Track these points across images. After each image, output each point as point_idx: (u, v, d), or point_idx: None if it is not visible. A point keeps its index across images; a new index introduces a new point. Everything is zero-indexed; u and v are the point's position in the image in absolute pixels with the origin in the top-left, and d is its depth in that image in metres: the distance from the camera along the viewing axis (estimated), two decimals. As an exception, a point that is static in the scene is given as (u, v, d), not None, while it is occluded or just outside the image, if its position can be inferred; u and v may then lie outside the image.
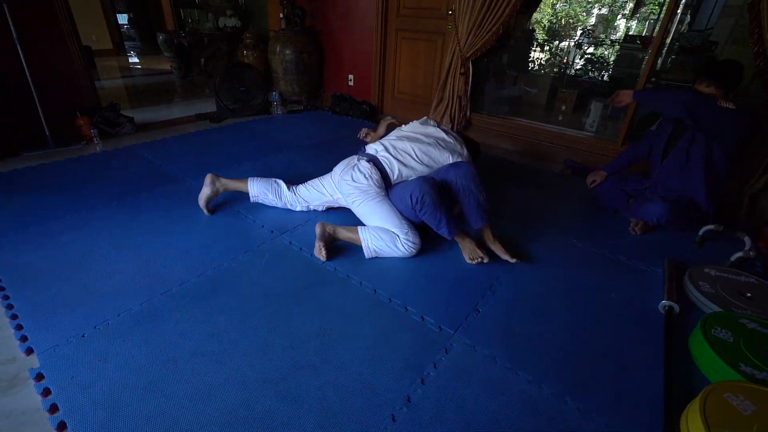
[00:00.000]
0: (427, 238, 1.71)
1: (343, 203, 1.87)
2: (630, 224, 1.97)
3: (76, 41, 2.77)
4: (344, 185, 1.74)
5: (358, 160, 1.79)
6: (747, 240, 1.74)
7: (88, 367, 1.08)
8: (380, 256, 1.61)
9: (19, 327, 1.20)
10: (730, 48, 3.72)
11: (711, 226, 1.83)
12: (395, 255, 1.61)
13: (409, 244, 1.59)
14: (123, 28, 8.82)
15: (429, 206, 1.54)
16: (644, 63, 2.57)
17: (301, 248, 1.67)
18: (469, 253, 1.62)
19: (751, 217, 2.12)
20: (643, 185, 2.06)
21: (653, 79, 2.85)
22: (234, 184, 1.92)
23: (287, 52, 3.81)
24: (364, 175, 1.70)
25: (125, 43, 8.33)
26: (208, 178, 1.88)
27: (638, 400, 1.08)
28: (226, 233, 1.76)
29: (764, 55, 2.00)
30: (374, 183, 1.69)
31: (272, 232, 1.78)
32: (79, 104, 2.81)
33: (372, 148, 1.84)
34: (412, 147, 1.78)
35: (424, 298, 1.42)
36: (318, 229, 1.63)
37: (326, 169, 1.97)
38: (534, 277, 1.58)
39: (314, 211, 1.96)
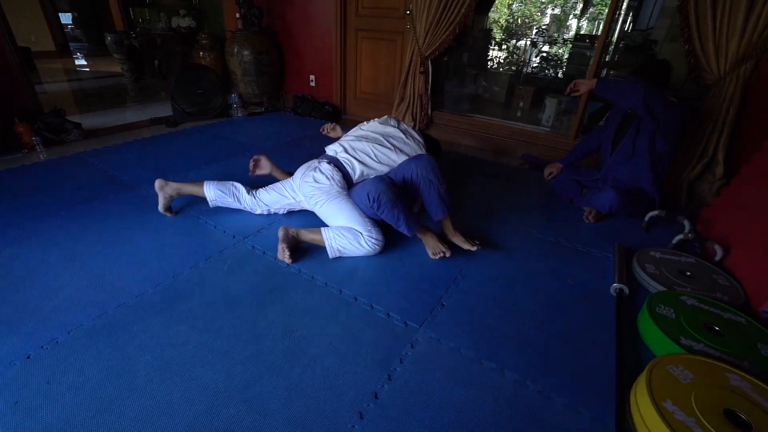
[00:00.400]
0: (390, 236, 1.73)
1: (305, 206, 1.85)
2: (584, 213, 2.08)
3: (10, 40, 2.58)
4: (306, 187, 1.74)
5: (319, 162, 1.79)
6: (686, 223, 1.88)
7: (33, 390, 1.01)
8: (344, 255, 1.62)
9: (-47, 352, 1.11)
10: (668, 45, 4.00)
11: (656, 212, 1.97)
12: (359, 253, 1.61)
13: (372, 240, 1.60)
14: (67, 28, 8.31)
15: (386, 205, 1.55)
16: (591, 60, 2.71)
17: (264, 252, 1.64)
18: (432, 248, 1.65)
19: (690, 202, 2.29)
20: (595, 176, 2.18)
21: (601, 75, 3.01)
22: (188, 188, 1.86)
23: (245, 53, 3.72)
24: (326, 176, 1.70)
25: (70, 44, 7.84)
26: (157, 184, 1.82)
27: (594, 378, 1.15)
28: (185, 240, 1.70)
29: (694, 54, 2.16)
30: (336, 183, 1.70)
31: (234, 237, 1.74)
32: (17, 110, 2.62)
33: (331, 150, 1.85)
34: (370, 148, 1.80)
35: (389, 295, 1.44)
36: (281, 233, 1.61)
37: (292, 170, 1.95)
38: (495, 267, 1.64)
39: (276, 214, 1.93)
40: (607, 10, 2.49)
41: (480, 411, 1.03)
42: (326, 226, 1.69)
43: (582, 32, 6.28)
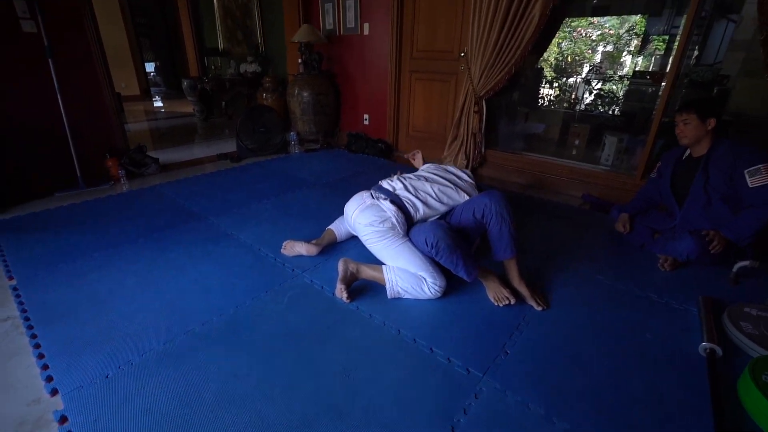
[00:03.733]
0: (448, 276, 1.68)
1: None
2: (659, 260, 1.92)
3: (110, 88, 2.96)
4: (362, 228, 1.65)
5: (376, 198, 1.71)
6: (785, 276, 1.67)
7: (111, 409, 1.06)
8: (403, 297, 1.58)
9: (45, 366, 1.20)
10: (743, 81, 3.77)
11: (746, 262, 1.77)
12: (419, 297, 1.57)
13: (436, 288, 1.54)
14: (149, 75, 9.41)
15: (444, 251, 1.49)
16: (659, 98, 2.60)
17: (322, 287, 1.66)
18: (494, 293, 1.58)
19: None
20: (669, 224, 2.02)
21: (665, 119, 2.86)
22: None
23: (305, 94, 3.98)
24: (389, 218, 1.62)
25: (151, 89, 8.85)
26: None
27: (688, 453, 1.00)
28: (247, 271, 1.77)
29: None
30: (399, 225, 1.62)
31: (293, 270, 1.78)
32: (109, 146, 2.95)
33: (389, 185, 1.78)
34: (431, 187, 1.76)
35: (449, 338, 1.38)
36: (340, 267, 1.61)
37: (342, 202, 1.96)
38: (562, 315, 1.53)
39: (336, 247, 1.95)
40: (677, 44, 2.40)
41: (557, 479, 0.93)
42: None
43: (638, 68, 6.11)
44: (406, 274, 1.56)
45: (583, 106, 5.85)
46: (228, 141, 4.34)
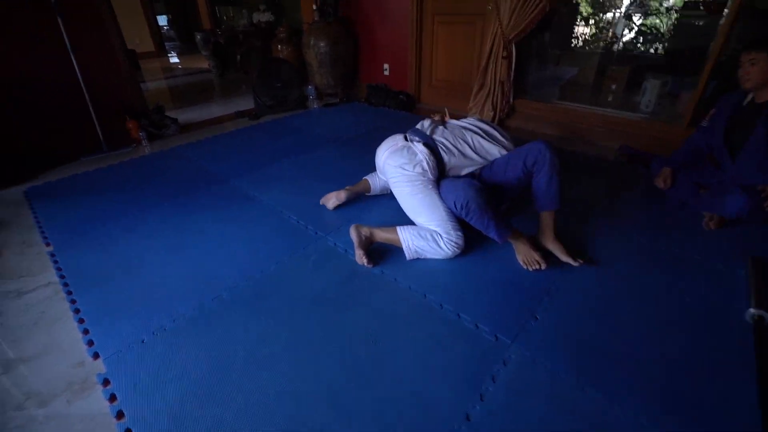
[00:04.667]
0: (475, 237, 1.62)
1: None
2: (704, 218, 1.78)
3: (122, 45, 2.86)
4: (392, 170, 1.62)
5: (410, 140, 1.67)
6: None
7: (148, 374, 1.11)
8: (422, 256, 1.55)
9: (86, 331, 1.26)
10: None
11: (803, 220, 1.61)
12: (438, 256, 1.53)
13: (452, 243, 1.50)
14: (163, 29, 9.15)
15: (475, 212, 1.44)
16: (716, 33, 2.28)
17: (345, 250, 1.63)
18: (524, 256, 1.51)
19: None
20: (718, 178, 1.85)
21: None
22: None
23: (321, 44, 3.76)
24: (420, 162, 1.58)
25: (165, 43, 8.64)
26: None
27: (730, 419, 0.96)
28: (271, 235, 1.76)
29: None
30: (430, 171, 1.58)
31: (316, 233, 1.76)
32: (127, 108, 2.92)
33: (425, 129, 1.71)
34: (470, 137, 1.68)
35: (476, 303, 1.35)
36: (353, 234, 1.57)
37: (366, 163, 1.91)
38: (596, 278, 1.46)
39: (355, 210, 1.91)
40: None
41: (589, 449, 0.92)
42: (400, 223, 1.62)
43: (691, -1, 5.41)
44: (420, 230, 1.52)
45: (621, 46, 5.31)
46: (245, 97, 4.23)
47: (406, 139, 1.70)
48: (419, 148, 1.61)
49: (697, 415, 0.99)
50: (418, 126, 1.77)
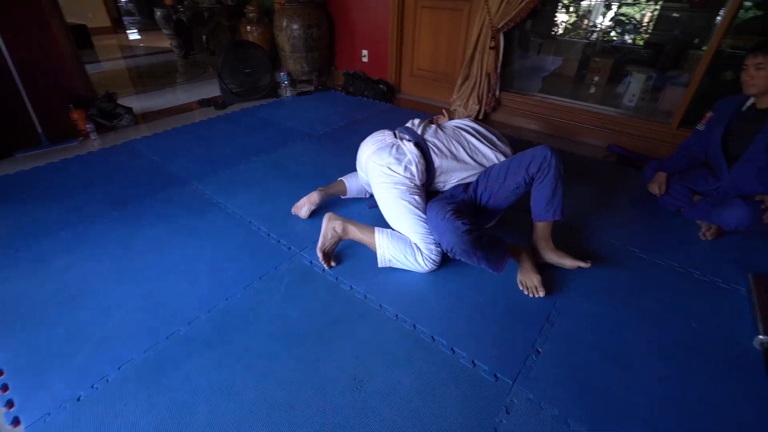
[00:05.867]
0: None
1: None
2: (700, 229, 1.71)
3: (61, 20, 2.49)
4: (376, 168, 1.45)
5: (400, 137, 1.51)
6: None
7: (84, 443, 0.91)
8: (393, 266, 1.42)
9: (4, 388, 1.03)
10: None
11: (802, 232, 1.56)
12: (411, 269, 1.40)
13: (431, 261, 1.38)
14: (120, 2, 8.38)
15: (462, 255, 1.29)
16: (715, 24, 2.18)
17: (323, 270, 1.45)
18: (525, 278, 1.37)
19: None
20: (712, 185, 1.77)
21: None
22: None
23: (294, 26, 3.46)
24: (408, 164, 1.42)
25: (124, 18, 7.92)
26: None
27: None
28: (237, 251, 1.55)
29: None
30: (417, 176, 1.43)
31: (290, 248, 1.57)
32: (72, 95, 2.56)
33: (417, 128, 1.54)
34: (465, 138, 1.53)
35: (471, 335, 1.21)
36: (325, 225, 1.43)
37: (345, 164, 1.72)
38: (595, 300, 1.35)
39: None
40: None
41: None
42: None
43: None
44: (399, 240, 1.38)
45: (605, 37, 5.24)
46: (212, 82, 3.89)
47: (395, 135, 1.53)
48: (409, 148, 1.45)
49: (719, 471, 0.89)
50: (409, 124, 1.60)
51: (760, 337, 1.19)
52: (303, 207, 1.72)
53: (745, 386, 1.08)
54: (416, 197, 1.42)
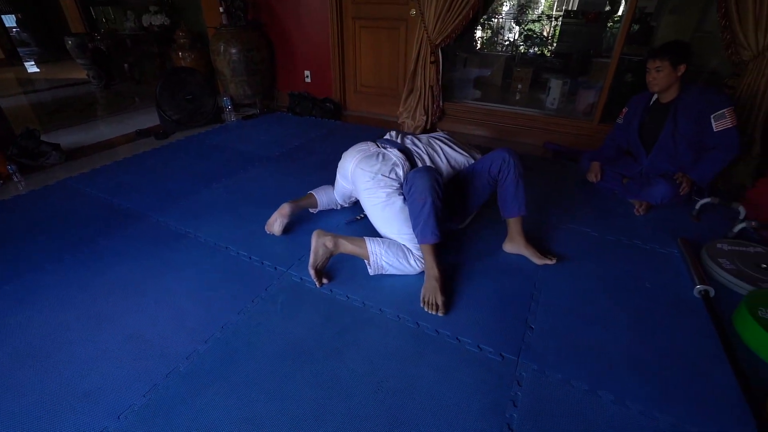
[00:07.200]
0: (448, 250, 1.58)
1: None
2: (634, 206, 1.99)
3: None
4: (364, 176, 1.48)
5: (384, 148, 1.57)
6: (741, 210, 1.81)
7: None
8: (386, 272, 1.46)
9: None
10: (668, 18, 3.94)
11: (707, 199, 1.89)
12: (404, 272, 1.46)
13: (421, 262, 1.44)
14: (12, 32, 7.53)
15: (419, 194, 1.35)
16: (615, 38, 2.58)
17: (316, 285, 1.45)
18: (429, 294, 1.34)
19: (726, 183, 2.22)
20: (636, 169, 2.08)
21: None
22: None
23: (233, 50, 3.41)
24: (394, 167, 1.49)
25: (19, 50, 7.12)
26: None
27: (721, 397, 1.05)
28: (220, 279, 1.49)
29: (731, 29, 2.07)
30: (403, 177, 1.49)
31: (276, 268, 1.54)
32: (-15, 135, 2.28)
33: (396, 139, 1.65)
34: (439, 145, 1.67)
35: (470, 323, 1.30)
36: (314, 242, 1.43)
37: (309, 182, 1.74)
38: (567, 276, 1.52)
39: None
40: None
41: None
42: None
43: (568, 8, 6.20)
44: (390, 246, 1.44)
45: (522, 50, 5.85)
46: (144, 113, 3.65)
47: (378, 146, 1.60)
48: (394, 153, 1.54)
49: (693, 397, 1.05)
50: (387, 136, 1.69)
51: (698, 286, 1.43)
52: (275, 222, 1.70)
53: (693, 323, 1.30)
54: (404, 199, 1.47)
